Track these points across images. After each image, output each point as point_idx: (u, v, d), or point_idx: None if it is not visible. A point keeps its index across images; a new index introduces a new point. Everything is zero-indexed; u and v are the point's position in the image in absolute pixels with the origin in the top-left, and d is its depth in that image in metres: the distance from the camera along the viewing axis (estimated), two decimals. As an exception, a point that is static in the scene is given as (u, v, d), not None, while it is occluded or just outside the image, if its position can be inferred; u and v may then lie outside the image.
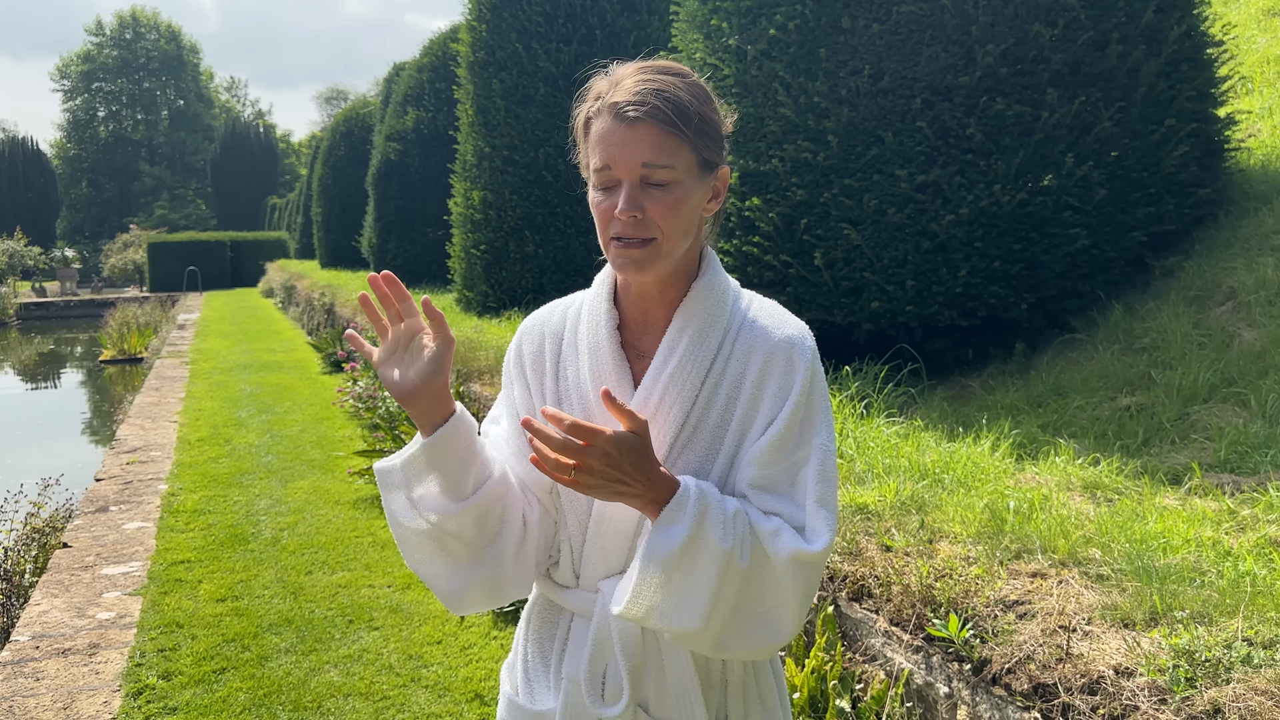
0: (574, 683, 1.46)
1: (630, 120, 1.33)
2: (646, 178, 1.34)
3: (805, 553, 1.34)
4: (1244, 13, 8.49)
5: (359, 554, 5.37)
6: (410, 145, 15.28)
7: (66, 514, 6.40)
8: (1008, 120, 4.72)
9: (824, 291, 5.10)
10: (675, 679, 1.45)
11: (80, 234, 62.81)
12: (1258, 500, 2.98)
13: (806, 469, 1.40)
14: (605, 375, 1.45)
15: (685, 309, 1.44)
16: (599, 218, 1.39)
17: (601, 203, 1.38)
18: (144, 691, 3.80)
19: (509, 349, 1.58)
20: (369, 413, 8.35)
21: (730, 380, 1.43)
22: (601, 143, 1.35)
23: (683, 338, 1.43)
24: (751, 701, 1.51)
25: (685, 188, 1.36)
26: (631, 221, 1.34)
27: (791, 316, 1.48)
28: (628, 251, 1.36)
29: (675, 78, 1.38)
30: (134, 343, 18.75)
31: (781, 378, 1.41)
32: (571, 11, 9.24)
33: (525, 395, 1.54)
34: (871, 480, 3.44)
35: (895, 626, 2.82)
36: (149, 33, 68.80)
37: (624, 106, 1.34)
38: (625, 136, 1.33)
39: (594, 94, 1.40)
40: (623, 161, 1.33)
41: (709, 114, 1.39)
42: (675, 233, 1.37)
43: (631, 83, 1.36)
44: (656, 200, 1.35)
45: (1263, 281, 4.44)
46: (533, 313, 1.61)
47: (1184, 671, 2.06)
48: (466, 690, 3.78)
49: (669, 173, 1.34)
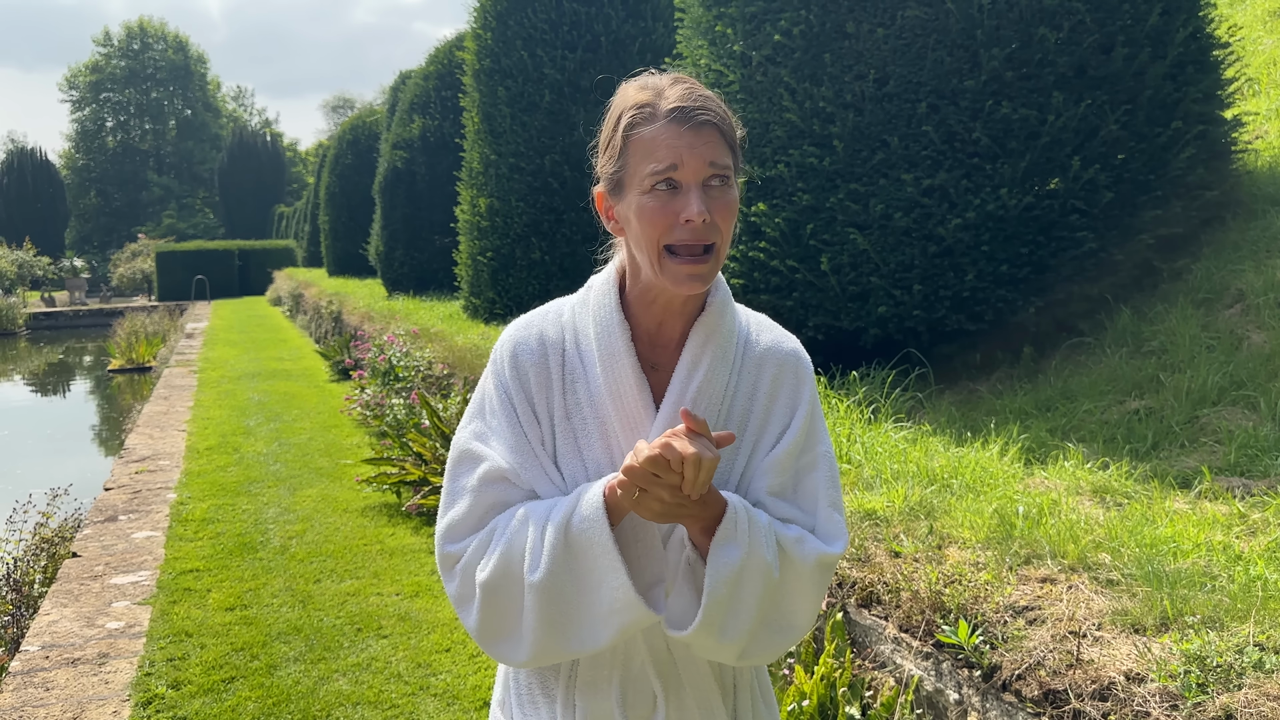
0: (597, 709, 1.44)
1: (700, 124, 1.34)
2: (710, 179, 1.35)
3: (828, 555, 1.41)
4: (1250, 14, 8.47)
5: (367, 562, 5.37)
6: (416, 153, 15.32)
7: (75, 523, 6.42)
8: (1014, 124, 4.71)
9: (831, 296, 5.09)
10: (696, 688, 1.46)
11: (89, 244, 63.09)
12: (1268, 504, 2.96)
13: (815, 475, 1.45)
14: (625, 390, 1.42)
15: (705, 324, 1.44)
16: (652, 224, 1.35)
17: (659, 209, 1.34)
18: (153, 701, 3.80)
19: (501, 363, 1.48)
20: (377, 420, 8.36)
21: (744, 393, 1.46)
22: (663, 145, 1.34)
23: (705, 353, 1.43)
24: (758, 701, 1.55)
25: (735, 191, 1.39)
26: (702, 226, 1.34)
27: (782, 328, 1.53)
28: (693, 266, 1.35)
29: (708, 90, 1.41)
30: (142, 352, 18.80)
31: (791, 390, 1.47)
32: (576, 19, 9.25)
33: (529, 412, 1.44)
34: (880, 486, 3.43)
35: (904, 633, 2.81)
36: (156, 43, 69.12)
37: (692, 111, 1.34)
38: (692, 140, 1.34)
39: (634, 102, 1.38)
40: (691, 162, 1.33)
41: (737, 125, 1.43)
42: (729, 238, 1.39)
43: (681, 90, 1.37)
44: (719, 201, 1.36)
45: (1271, 284, 4.43)
46: (515, 324, 1.52)
47: (1195, 677, 2.05)
48: (475, 699, 3.78)
49: (729, 172, 1.37)
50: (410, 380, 8.62)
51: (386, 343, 9.44)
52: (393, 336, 9.50)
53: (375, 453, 7.37)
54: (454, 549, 1.43)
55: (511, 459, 1.43)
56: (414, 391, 7.72)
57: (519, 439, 1.44)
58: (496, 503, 1.42)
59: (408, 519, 6.13)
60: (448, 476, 1.48)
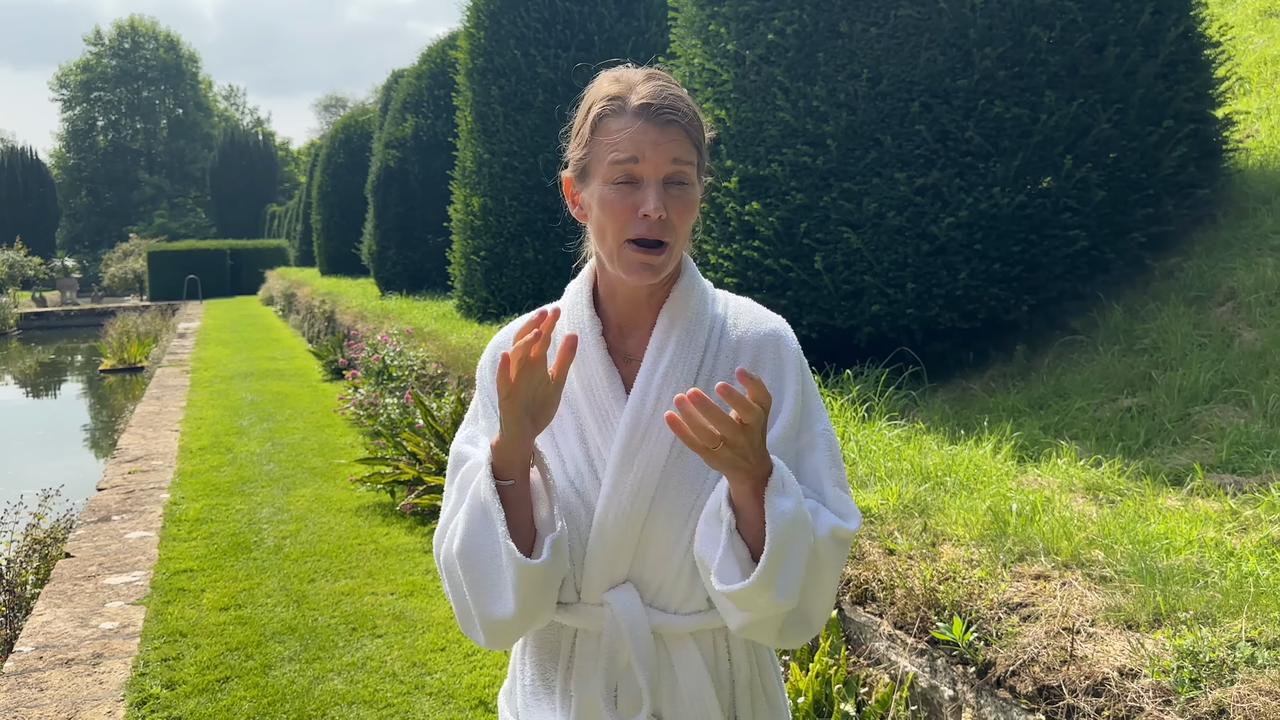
0: (588, 700, 1.44)
1: (664, 122, 1.36)
2: (671, 176, 1.37)
3: (843, 528, 1.37)
4: (1241, 13, 8.50)
5: (361, 561, 5.37)
6: (409, 152, 15.30)
7: (68, 524, 6.40)
8: (1006, 123, 4.73)
9: (824, 295, 5.11)
10: (689, 684, 1.44)
11: (80, 243, 62.90)
12: (1260, 500, 2.98)
13: (815, 454, 1.42)
14: (596, 382, 1.45)
15: (670, 309, 1.46)
16: (612, 215, 1.37)
17: (618, 201, 1.37)
18: (148, 701, 3.80)
19: (483, 369, 1.55)
20: (370, 420, 8.35)
21: (722, 376, 1.44)
22: (627, 139, 1.36)
23: (670, 337, 1.44)
24: (759, 699, 1.51)
25: (696, 191, 1.41)
26: (659, 222, 1.36)
27: (768, 311, 1.52)
28: (648, 257, 1.38)
29: (681, 88, 1.43)
30: (134, 352, 18.74)
31: (773, 370, 1.45)
32: (569, 18, 9.26)
33: None
34: (874, 484, 3.45)
35: (899, 630, 2.82)
36: (148, 42, 68.89)
37: (659, 109, 1.37)
38: (657, 136, 1.36)
39: (606, 93, 1.41)
40: (654, 158, 1.36)
41: (705, 124, 1.45)
42: (685, 234, 1.41)
43: (653, 87, 1.39)
44: (677, 200, 1.37)
45: (1262, 282, 4.45)
46: (501, 330, 1.58)
47: (1188, 673, 2.06)
48: (470, 697, 3.78)
49: (691, 172, 1.39)
50: (404, 380, 8.61)
51: (380, 342, 9.43)
52: (386, 336, 9.49)
53: (369, 452, 7.36)
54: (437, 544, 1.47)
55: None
56: (408, 391, 7.72)
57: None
58: None
59: (402, 518, 6.12)
60: (446, 482, 1.51)
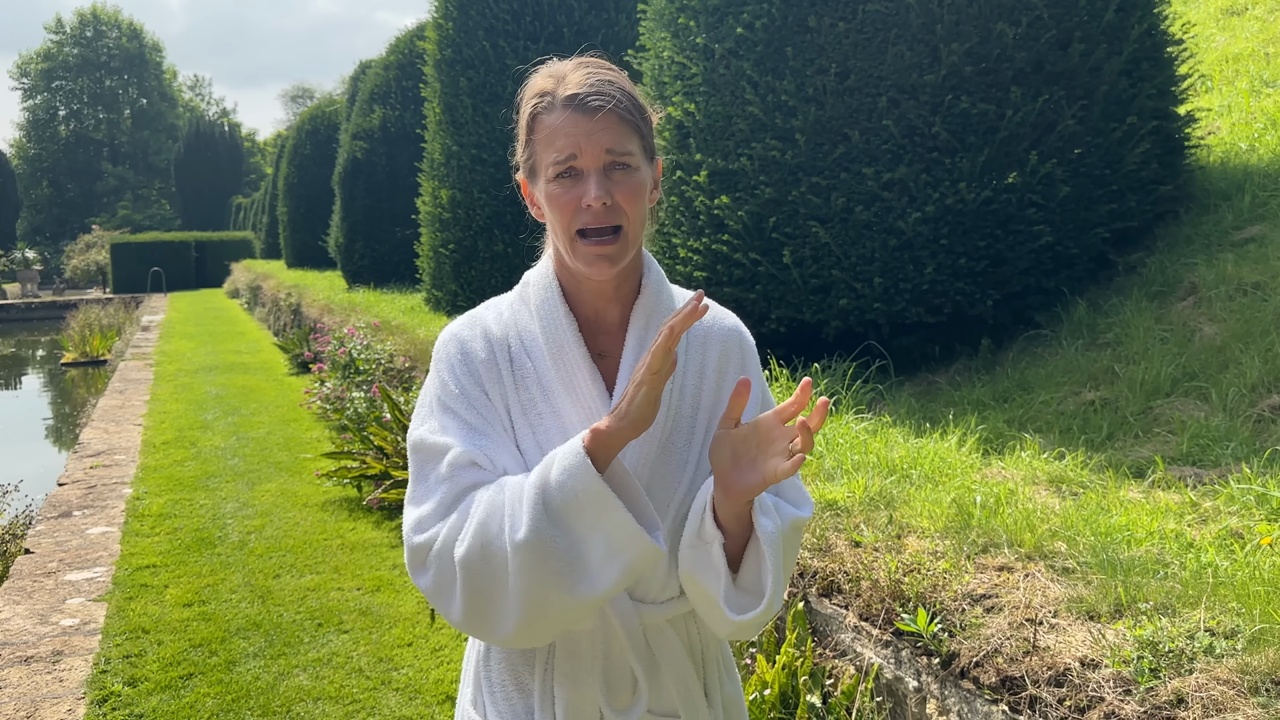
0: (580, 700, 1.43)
1: (593, 110, 1.35)
2: (610, 164, 1.36)
3: (800, 518, 1.47)
4: (1203, 11, 8.61)
5: (328, 557, 5.32)
6: (377, 144, 15.17)
7: (27, 520, 6.30)
8: (972, 118, 4.76)
9: (793, 289, 5.12)
10: (672, 669, 1.47)
11: (41, 235, 61.77)
12: (1219, 493, 3.02)
13: None
14: (578, 381, 1.43)
15: (644, 306, 1.46)
16: (560, 210, 1.38)
17: (563, 195, 1.37)
18: (109, 699, 3.75)
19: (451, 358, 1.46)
20: (337, 414, 8.28)
21: (693, 370, 1.49)
22: (561, 134, 1.36)
23: (649, 335, 1.45)
24: (724, 672, 1.58)
25: (642, 174, 1.40)
26: (602, 209, 1.35)
27: (717, 304, 1.57)
28: (600, 247, 1.37)
29: (616, 72, 1.42)
30: (97, 345, 18.48)
31: (738, 365, 1.52)
32: (539, 10, 9.21)
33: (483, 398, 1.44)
34: (840, 477, 3.46)
35: (865, 621, 2.83)
36: (110, 30, 67.72)
37: (585, 98, 1.36)
38: (589, 127, 1.35)
39: (537, 90, 1.40)
40: (589, 150, 1.35)
41: (646, 105, 1.45)
42: (638, 218, 1.40)
43: (581, 76, 1.38)
44: (621, 184, 1.37)
45: (1223, 277, 4.51)
46: (456, 322, 1.51)
47: (1148, 662, 2.09)
48: (438, 692, 3.76)
49: (630, 157, 1.38)
50: (371, 373, 8.55)
51: (347, 335, 9.35)
52: (353, 329, 9.41)
53: (335, 447, 7.30)
54: (424, 538, 1.36)
55: (479, 442, 1.40)
56: (375, 385, 7.66)
57: (481, 420, 1.42)
58: (468, 487, 1.37)
59: (368, 513, 6.08)
60: (413, 474, 1.43)
